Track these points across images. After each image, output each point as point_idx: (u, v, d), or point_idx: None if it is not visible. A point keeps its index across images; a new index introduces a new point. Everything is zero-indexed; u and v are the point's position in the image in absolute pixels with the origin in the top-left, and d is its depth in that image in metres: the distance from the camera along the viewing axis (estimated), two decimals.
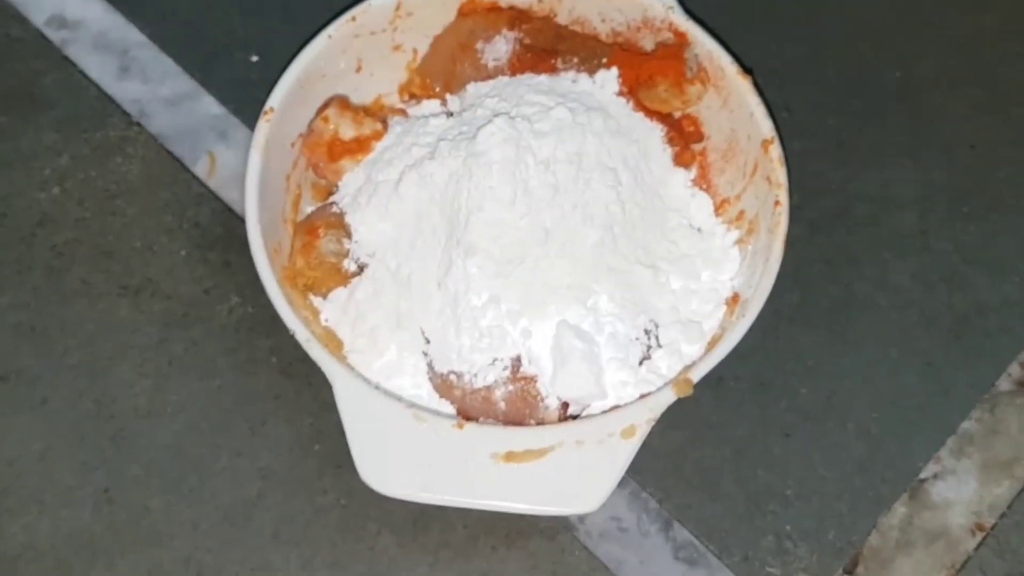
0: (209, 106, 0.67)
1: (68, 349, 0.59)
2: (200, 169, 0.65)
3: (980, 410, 0.60)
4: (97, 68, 0.68)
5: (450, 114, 0.60)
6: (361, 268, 0.56)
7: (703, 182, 0.60)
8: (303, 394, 0.58)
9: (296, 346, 0.58)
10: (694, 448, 0.58)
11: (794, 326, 0.61)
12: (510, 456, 0.48)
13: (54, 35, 0.69)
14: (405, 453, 0.48)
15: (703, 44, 0.59)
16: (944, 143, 0.68)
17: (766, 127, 0.57)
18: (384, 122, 0.59)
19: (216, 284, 0.61)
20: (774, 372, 0.60)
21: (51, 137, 0.65)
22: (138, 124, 0.66)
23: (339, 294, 0.56)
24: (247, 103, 0.64)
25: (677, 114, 0.60)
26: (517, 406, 0.52)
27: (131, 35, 0.69)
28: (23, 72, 0.68)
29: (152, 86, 0.67)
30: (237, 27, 0.69)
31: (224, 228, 0.63)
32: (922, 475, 0.58)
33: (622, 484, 0.56)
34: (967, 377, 0.61)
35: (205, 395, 0.58)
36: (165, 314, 0.61)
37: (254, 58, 0.68)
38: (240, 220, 0.63)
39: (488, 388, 0.52)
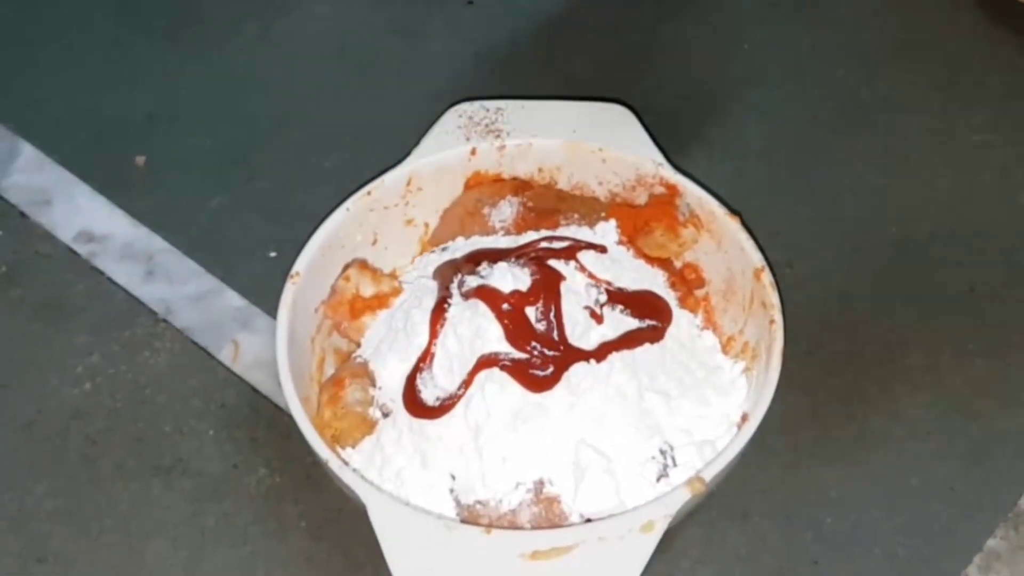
0: (231, 299, 0.78)
1: (104, 529, 0.68)
2: (225, 356, 0.75)
3: (1004, 528, 0.67)
4: (124, 275, 0.79)
5: None
6: (386, 415, 0.64)
7: (708, 324, 0.70)
8: (333, 554, 0.66)
9: (325, 510, 0.67)
10: None
11: (814, 461, 0.69)
12: (536, 555, 0.55)
13: (82, 248, 0.81)
14: (439, 560, 0.55)
15: (692, 192, 0.70)
16: (945, 289, 0.78)
17: (756, 258, 0.67)
18: (400, 283, 0.70)
19: (244, 459, 0.70)
20: (798, 505, 0.67)
21: (82, 339, 0.76)
22: (164, 321, 0.77)
23: (366, 444, 0.64)
24: (267, 294, 0.73)
25: (678, 263, 0.71)
26: (542, 528, 0.60)
27: (155, 243, 0.81)
28: (54, 283, 0.79)
29: (176, 286, 0.79)
30: (256, 229, 0.81)
31: (250, 407, 0.72)
32: None
33: None
34: (989, 499, 0.68)
35: (238, 562, 0.66)
36: (196, 490, 0.69)
37: (272, 254, 0.79)
38: (265, 399, 0.73)
39: (513, 512, 0.60)
